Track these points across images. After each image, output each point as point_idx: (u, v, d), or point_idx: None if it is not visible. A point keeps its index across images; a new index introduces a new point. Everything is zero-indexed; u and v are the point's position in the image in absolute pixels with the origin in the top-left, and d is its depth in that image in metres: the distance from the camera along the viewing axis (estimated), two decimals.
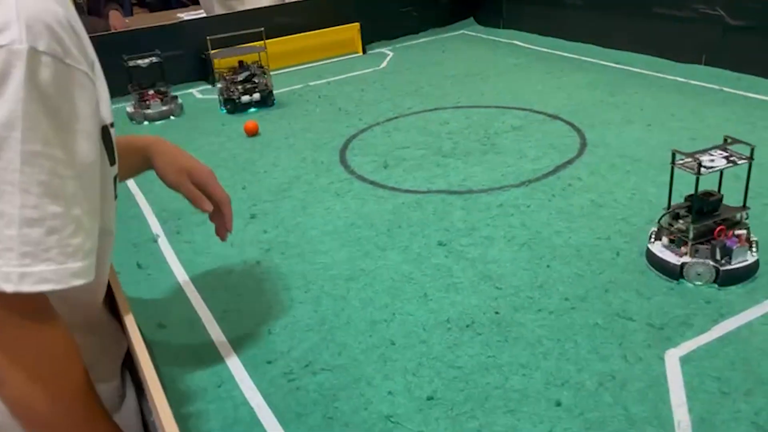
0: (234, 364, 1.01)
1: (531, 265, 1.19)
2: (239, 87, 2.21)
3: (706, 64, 2.19)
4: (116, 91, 2.50)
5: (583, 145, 1.69)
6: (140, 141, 0.96)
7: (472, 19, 3.23)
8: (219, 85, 2.26)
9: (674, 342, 0.97)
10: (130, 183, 1.73)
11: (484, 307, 1.09)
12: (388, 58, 2.76)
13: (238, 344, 1.06)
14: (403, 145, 1.80)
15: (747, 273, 1.10)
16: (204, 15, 3.03)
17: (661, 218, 1.17)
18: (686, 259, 1.10)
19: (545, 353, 0.97)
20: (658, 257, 1.13)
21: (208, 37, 2.22)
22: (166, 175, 0.94)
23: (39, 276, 0.54)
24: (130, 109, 2.22)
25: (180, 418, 0.90)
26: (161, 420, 0.59)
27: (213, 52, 2.24)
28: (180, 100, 2.26)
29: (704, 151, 1.13)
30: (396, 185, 1.56)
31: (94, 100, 0.60)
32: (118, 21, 3.09)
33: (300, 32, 2.76)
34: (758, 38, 2.05)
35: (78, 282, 0.56)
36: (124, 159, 0.92)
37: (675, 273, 1.11)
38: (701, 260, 1.09)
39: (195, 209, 0.96)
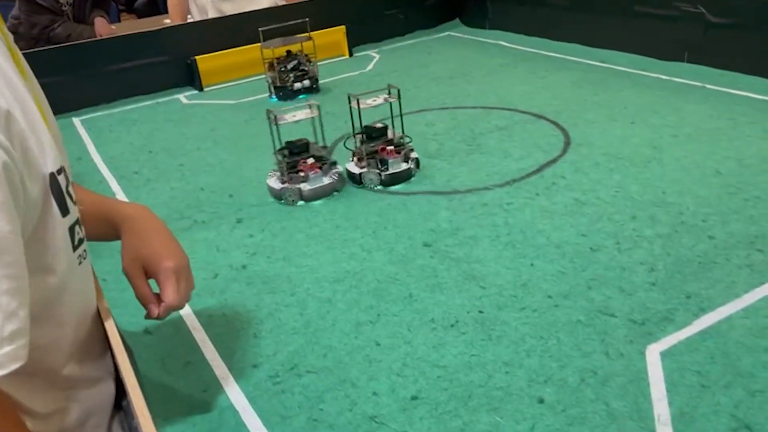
0: (219, 368, 1.02)
1: (515, 263, 1.20)
2: (291, 75, 2.29)
3: (688, 62, 2.21)
4: (101, 99, 2.52)
5: (567, 143, 1.71)
6: (118, 214, 0.87)
7: (457, 20, 3.25)
8: (269, 75, 2.34)
9: (655, 337, 0.98)
10: (115, 187, 1.73)
11: (468, 306, 1.09)
12: (375, 61, 2.77)
13: (223, 348, 1.06)
14: None
15: (402, 177, 1.57)
16: (191, 21, 3.03)
17: (345, 142, 1.70)
18: (363, 170, 1.55)
19: (528, 351, 0.98)
20: (350, 171, 1.59)
21: (260, 29, 2.29)
22: (122, 259, 0.85)
23: None
24: (275, 184, 1.55)
25: (165, 423, 0.91)
26: (142, 425, 0.60)
27: (263, 42, 2.31)
28: (339, 167, 1.60)
29: (369, 95, 1.58)
30: (381, 187, 1.57)
31: (0, 163, 0.50)
32: (103, 28, 3.09)
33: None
34: (739, 35, 2.07)
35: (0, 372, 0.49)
36: (102, 229, 0.87)
37: (357, 180, 1.57)
38: (371, 170, 1.55)
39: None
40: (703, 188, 1.39)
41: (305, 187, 1.53)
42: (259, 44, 2.32)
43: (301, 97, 2.33)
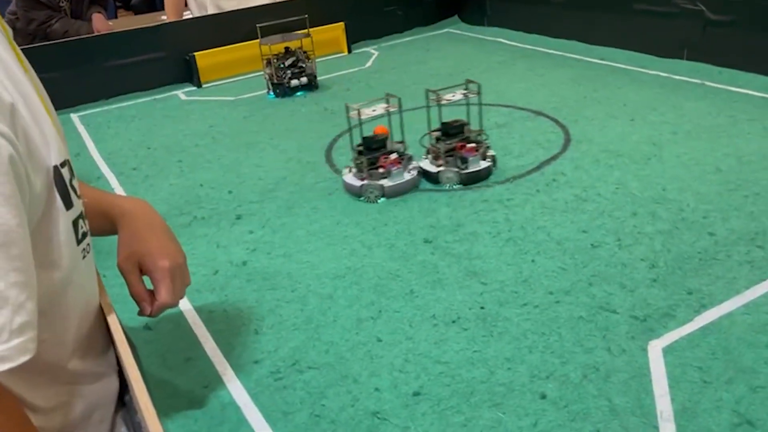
0: (220, 364, 1.01)
1: (516, 259, 1.20)
2: (288, 72, 2.29)
3: (687, 59, 2.21)
4: (99, 95, 2.51)
5: (567, 140, 1.71)
6: (116, 208, 0.87)
7: (456, 17, 3.25)
8: (267, 71, 2.33)
9: (657, 333, 0.98)
10: (114, 183, 1.73)
11: (469, 302, 1.09)
12: (374, 58, 2.77)
13: (224, 344, 1.06)
14: None
15: (482, 176, 1.51)
16: (189, 17, 3.03)
17: (421, 140, 1.59)
18: (441, 168, 1.49)
19: (530, 347, 0.98)
20: (424, 170, 1.52)
21: (258, 25, 2.29)
22: (118, 255, 0.85)
23: None
24: (352, 180, 1.50)
25: (166, 419, 0.91)
26: (146, 420, 0.59)
27: (262, 39, 2.31)
28: (416, 162, 1.55)
29: (448, 90, 1.52)
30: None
31: (6, 156, 0.50)
32: (101, 24, 3.09)
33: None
34: (738, 32, 2.07)
35: (6, 366, 0.49)
36: (101, 224, 0.86)
37: (434, 179, 1.50)
38: (449, 168, 1.48)
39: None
40: (703, 185, 1.39)
41: (387, 183, 1.48)
42: (258, 41, 2.31)
43: (298, 94, 2.33)
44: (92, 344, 0.72)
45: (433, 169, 1.50)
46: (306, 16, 2.36)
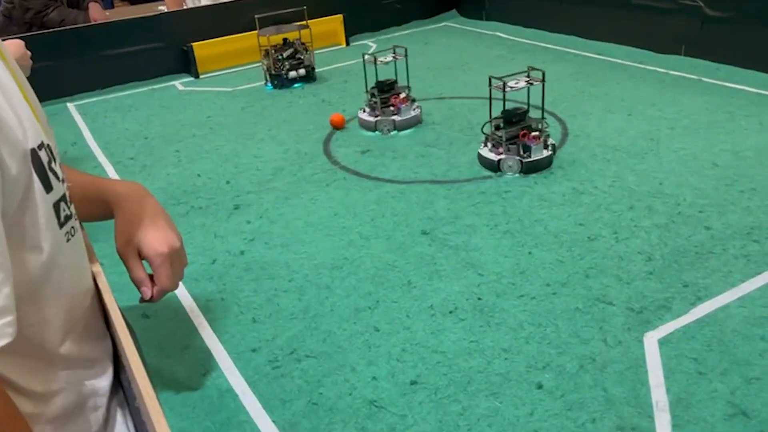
0: (218, 352, 1.02)
1: (513, 251, 1.20)
2: (286, 63, 2.30)
3: (685, 55, 2.22)
4: (96, 84, 2.50)
5: (565, 134, 1.71)
6: (111, 193, 0.87)
7: (455, 11, 3.24)
8: (266, 62, 2.33)
9: (653, 325, 0.99)
10: (111, 172, 1.72)
11: (466, 293, 1.10)
12: (372, 50, 2.76)
13: (222, 333, 1.06)
14: (387, 135, 1.81)
15: (543, 164, 1.50)
16: (186, 7, 3.01)
17: (483, 127, 1.58)
18: (502, 156, 1.50)
19: (527, 337, 0.98)
20: (483, 157, 1.54)
21: (256, 16, 2.31)
22: (116, 240, 0.85)
23: None
24: (367, 116, 1.84)
25: (164, 406, 0.91)
26: (146, 404, 0.59)
27: (260, 30, 2.31)
28: (417, 102, 1.89)
29: (511, 77, 1.51)
30: (380, 175, 1.57)
31: None
32: (98, 13, 3.06)
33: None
34: (736, 29, 2.07)
35: None
36: (97, 209, 0.86)
37: (494, 167, 1.51)
38: (511, 156, 1.49)
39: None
40: (699, 180, 1.40)
41: (398, 118, 1.80)
42: (256, 32, 2.31)
43: (296, 85, 2.32)
44: (87, 329, 0.71)
45: (493, 156, 1.51)
46: (305, 7, 2.36)
